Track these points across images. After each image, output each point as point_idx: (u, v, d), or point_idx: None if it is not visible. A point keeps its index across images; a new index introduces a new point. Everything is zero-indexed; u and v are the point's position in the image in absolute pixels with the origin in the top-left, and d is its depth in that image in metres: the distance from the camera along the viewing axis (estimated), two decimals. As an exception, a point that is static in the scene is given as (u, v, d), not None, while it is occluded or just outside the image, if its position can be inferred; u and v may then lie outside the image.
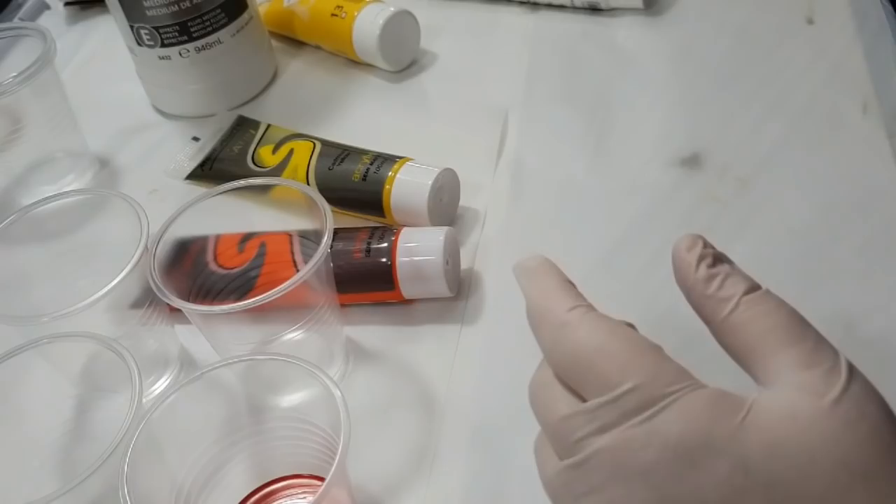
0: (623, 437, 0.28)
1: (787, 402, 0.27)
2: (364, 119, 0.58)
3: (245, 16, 0.63)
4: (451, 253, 0.48)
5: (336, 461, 0.33)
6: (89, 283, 0.41)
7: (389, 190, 0.51)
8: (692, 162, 0.54)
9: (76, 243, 0.47)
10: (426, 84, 0.66)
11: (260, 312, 0.39)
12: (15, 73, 0.55)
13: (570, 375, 0.30)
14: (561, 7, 0.69)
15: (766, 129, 0.55)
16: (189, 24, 0.60)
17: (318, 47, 0.70)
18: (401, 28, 0.65)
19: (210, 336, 0.43)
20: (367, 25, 0.64)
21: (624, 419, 0.28)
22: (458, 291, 0.49)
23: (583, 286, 0.37)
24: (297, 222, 0.45)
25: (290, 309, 0.41)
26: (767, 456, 0.26)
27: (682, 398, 0.28)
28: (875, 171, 0.51)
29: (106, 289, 0.40)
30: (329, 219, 0.42)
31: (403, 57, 0.66)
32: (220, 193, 0.45)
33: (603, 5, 0.67)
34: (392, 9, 0.64)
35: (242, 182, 0.45)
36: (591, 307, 0.32)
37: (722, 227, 0.50)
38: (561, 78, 0.63)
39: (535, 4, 0.70)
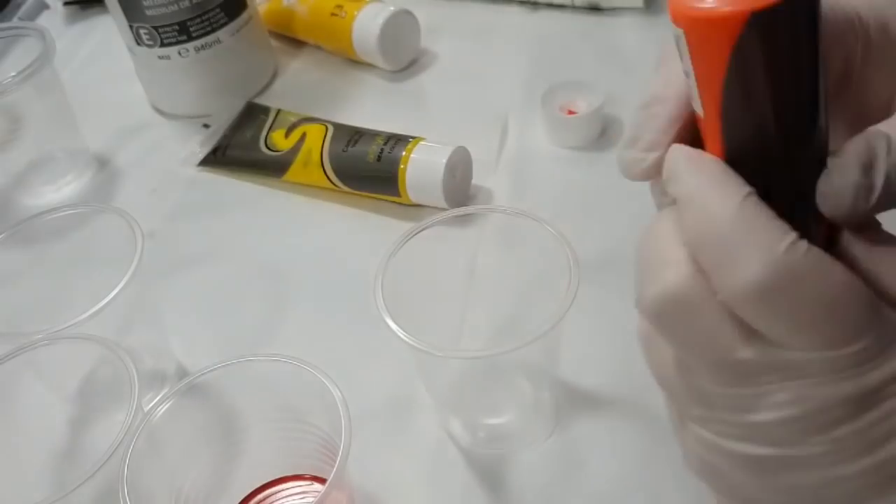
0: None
1: None
2: (364, 118, 0.58)
3: (245, 15, 0.63)
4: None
5: (337, 463, 0.32)
6: (83, 300, 0.40)
7: (404, 169, 0.53)
8: (693, 162, 0.54)
9: (70, 259, 0.47)
10: (426, 83, 0.65)
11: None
12: (14, 73, 0.55)
13: (778, 312, 0.23)
14: (561, 7, 0.69)
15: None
16: (188, 23, 0.60)
17: (317, 47, 0.69)
18: (401, 27, 0.65)
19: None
20: (367, 25, 0.64)
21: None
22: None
23: (585, 285, 0.37)
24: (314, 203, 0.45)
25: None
26: None
27: None
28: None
29: (100, 304, 0.40)
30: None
31: (403, 56, 0.66)
32: (437, 224, 0.41)
33: (603, 5, 0.67)
34: (392, 8, 0.64)
35: (461, 210, 0.42)
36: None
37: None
38: (561, 77, 0.63)
39: (536, 4, 0.70)
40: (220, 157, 0.60)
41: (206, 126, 0.63)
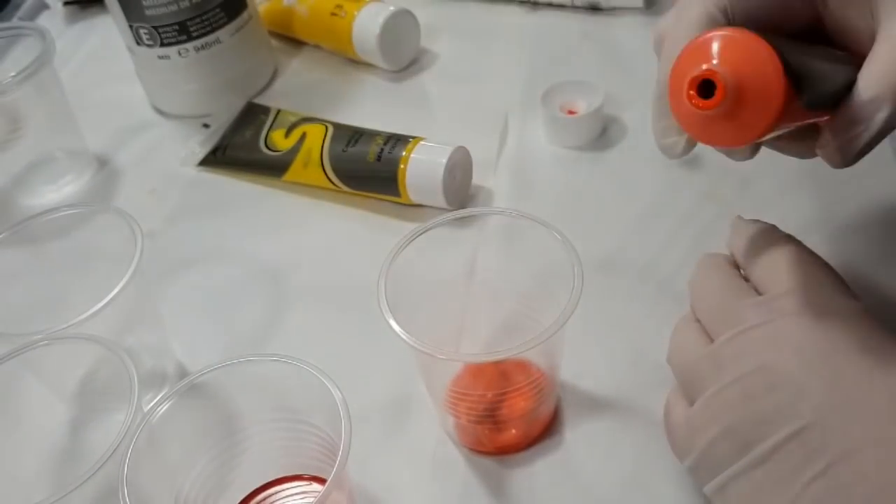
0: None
1: None
2: (364, 118, 0.58)
3: (244, 15, 0.63)
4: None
5: (337, 463, 0.32)
6: (83, 300, 0.40)
7: (404, 169, 0.53)
8: (693, 161, 0.54)
9: (70, 259, 0.47)
10: (426, 83, 0.65)
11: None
12: (14, 73, 0.55)
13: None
14: (561, 6, 0.69)
15: (767, 129, 0.55)
16: (188, 23, 0.60)
17: (317, 46, 0.69)
18: (401, 27, 0.65)
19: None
20: (367, 24, 0.64)
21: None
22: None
23: (585, 286, 0.37)
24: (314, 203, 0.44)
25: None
26: None
27: None
28: (876, 171, 0.51)
29: (100, 304, 0.40)
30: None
31: (403, 56, 0.66)
32: (439, 226, 0.41)
33: (603, 5, 0.67)
34: (392, 8, 0.64)
35: (464, 212, 0.42)
36: None
37: (723, 226, 0.50)
38: (561, 77, 0.63)
39: (535, 4, 0.70)
40: (220, 157, 0.60)
41: (205, 126, 0.63)
